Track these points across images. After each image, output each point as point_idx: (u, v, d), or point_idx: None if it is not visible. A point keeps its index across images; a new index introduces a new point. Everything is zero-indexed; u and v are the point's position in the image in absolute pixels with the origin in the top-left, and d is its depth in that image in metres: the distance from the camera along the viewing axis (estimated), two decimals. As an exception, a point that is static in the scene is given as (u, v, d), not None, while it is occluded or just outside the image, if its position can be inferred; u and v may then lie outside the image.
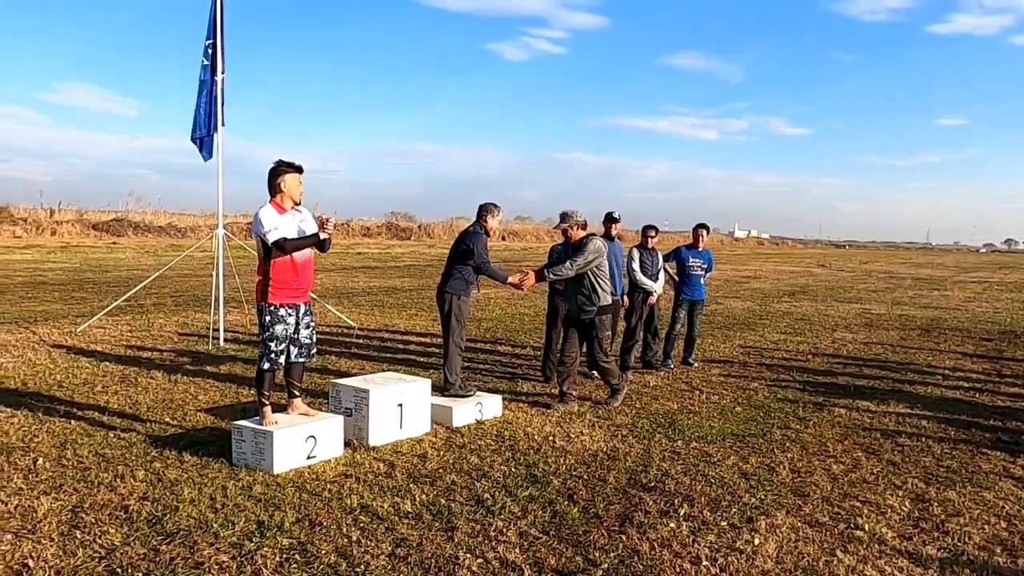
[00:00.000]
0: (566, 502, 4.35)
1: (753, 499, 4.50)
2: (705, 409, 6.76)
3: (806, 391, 7.65)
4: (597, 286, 6.62)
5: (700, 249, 9.00)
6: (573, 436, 5.71)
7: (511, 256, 36.60)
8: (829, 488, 4.75)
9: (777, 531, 4.03)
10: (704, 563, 3.63)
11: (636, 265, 8.41)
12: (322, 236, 5.04)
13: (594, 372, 7.97)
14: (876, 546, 3.89)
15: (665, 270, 8.74)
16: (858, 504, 4.49)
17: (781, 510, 4.34)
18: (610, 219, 8.16)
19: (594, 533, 3.93)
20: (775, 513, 4.28)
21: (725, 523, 4.11)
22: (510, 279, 6.52)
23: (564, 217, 6.72)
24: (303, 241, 4.98)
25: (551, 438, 5.64)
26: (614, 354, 8.48)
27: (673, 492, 4.58)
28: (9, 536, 3.65)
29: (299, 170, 5.05)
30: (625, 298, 8.31)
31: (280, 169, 4.99)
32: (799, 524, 4.14)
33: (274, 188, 4.99)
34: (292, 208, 5.04)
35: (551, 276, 6.60)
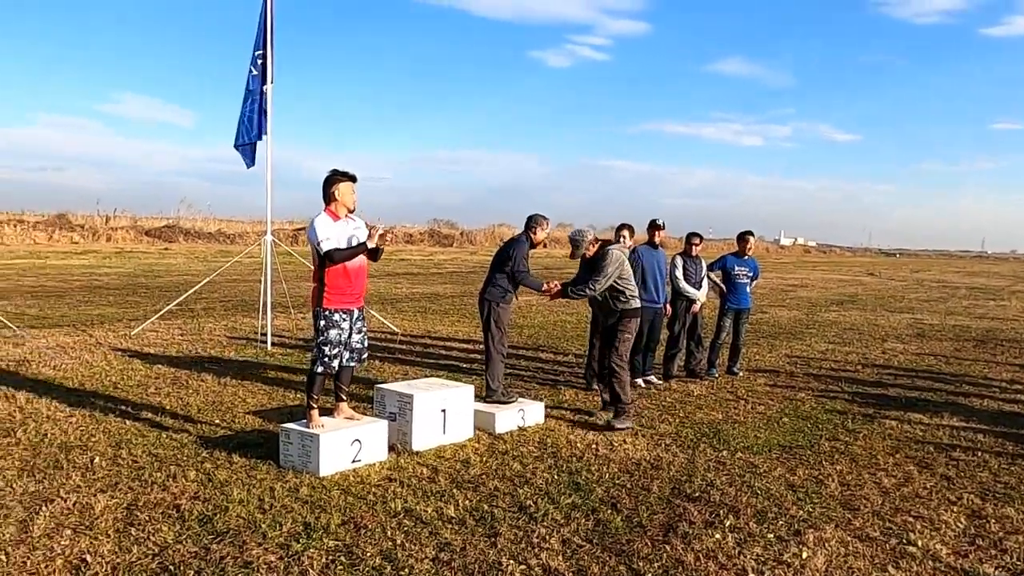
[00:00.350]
0: (609, 511, 4.33)
1: (801, 512, 4.42)
2: (751, 419, 6.66)
3: (855, 402, 7.48)
4: (619, 291, 6.31)
5: (746, 257, 8.89)
6: (616, 444, 5.68)
7: (553, 263, 36.59)
8: (880, 502, 4.63)
9: (826, 545, 3.94)
10: (750, 575, 3.57)
11: (679, 273, 8.34)
12: (370, 245, 5.11)
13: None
14: (930, 562, 3.79)
15: (709, 278, 8.65)
16: (911, 519, 4.37)
17: (830, 523, 4.25)
18: (654, 226, 8.11)
19: (638, 542, 3.91)
20: (824, 526, 4.20)
21: (772, 535, 4.04)
22: (544, 286, 6.45)
23: (576, 244, 6.37)
24: (354, 250, 5.06)
25: (594, 446, 5.62)
26: (657, 364, 8.41)
27: (718, 503, 4.52)
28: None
29: (353, 179, 5.15)
30: (668, 306, 8.25)
31: (335, 178, 5.09)
32: (849, 538, 4.05)
33: (328, 196, 5.10)
34: (346, 216, 5.13)
35: (572, 295, 6.39)
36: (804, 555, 3.80)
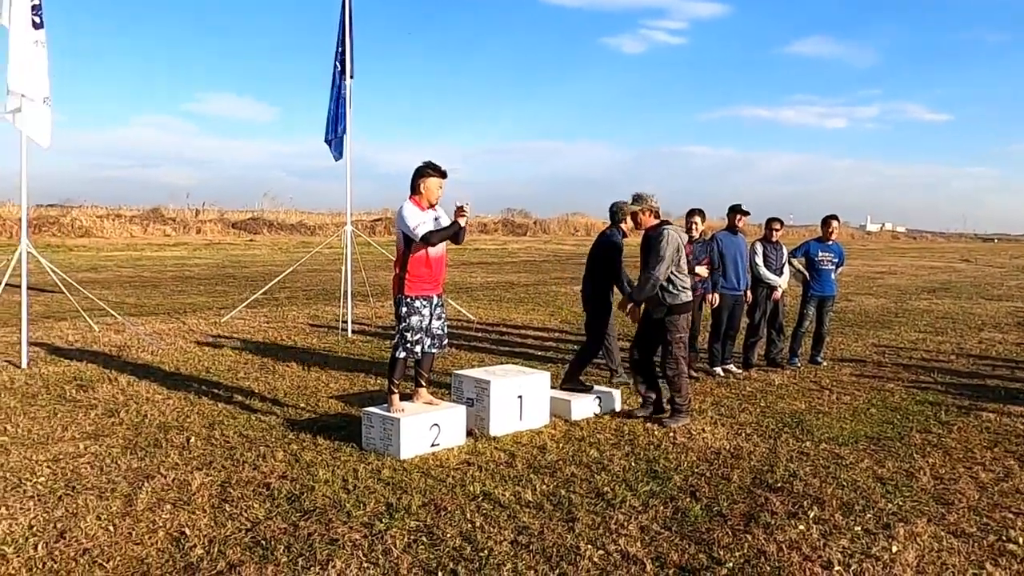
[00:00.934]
0: (688, 499, 4.28)
1: (890, 505, 4.26)
2: (836, 409, 6.45)
3: (949, 394, 7.14)
4: (669, 281, 5.76)
5: (830, 242, 8.59)
6: (695, 433, 5.60)
7: (627, 251, 36.23)
8: (976, 497, 4.42)
9: (917, 539, 3.79)
10: (836, 568, 3.47)
11: (759, 259, 8.13)
12: (461, 222, 5.19)
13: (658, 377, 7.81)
14: (1032, 561, 3.59)
15: (790, 264, 8.39)
16: (1010, 516, 4.15)
17: (922, 518, 4.08)
18: (737, 211, 7.94)
19: (718, 531, 3.85)
20: (915, 520, 4.03)
21: (859, 528, 3.92)
22: (627, 307, 6.07)
23: (637, 199, 5.88)
24: (445, 232, 5.17)
25: (671, 434, 5.56)
26: (737, 353, 8.22)
27: (802, 494, 4.40)
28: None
29: (443, 175, 5.25)
30: (749, 293, 8.06)
31: (425, 171, 5.21)
32: (942, 533, 3.88)
33: (415, 187, 5.21)
34: (428, 207, 5.24)
35: (637, 297, 5.90)
36: (894, 549, 3.67)
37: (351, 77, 10.05)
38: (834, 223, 8.60)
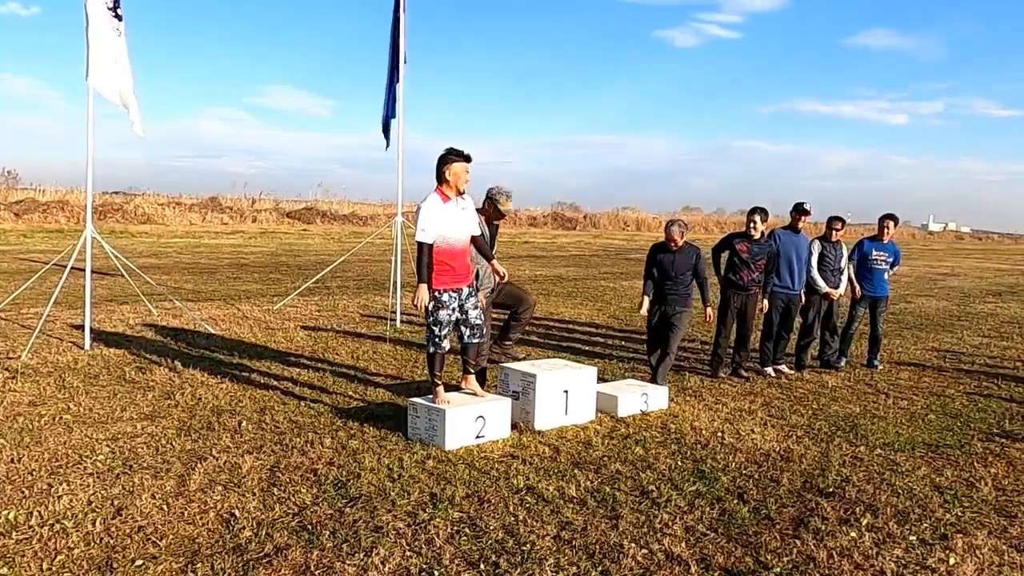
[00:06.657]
0: (735, 501, 4.21)
1: (948, 515, 4.11)
2: (892, 414, 6.25)
3: (1014, 402, 6.85)
4: None
5: (885, 241, 8.32)
6: (743, 434, 5.49)
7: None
8: (1042, 511, 4.23)
9: (977, 552, 3.65)
10: (889, 578, 3.37)
11: (814, 261, 7.88)
12: (485, 272, 5.14)
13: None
14: (1101, 580, 3.43)
15: (849, 272, 8.12)
16: (1078, 531, 3.96)
17: (982, 530, 3.93)
18: (799, 210, 7.75)
19: (765, 535, 3.77)
20: (974, 532, 3.89)
21: (914, 537, 3.79)
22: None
23: None
24: (423, 270, 5.06)
25: (719, 434, 5.46)
26: (789, 353, 8.03)
27: (854, 500, 4.28)
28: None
29: (467, 159, 5.18)
30: (803, 294, 7.86)
31: (449, 157, 5.15)
32: (1004, 547, 3.73)
33: (440, 176, 5.17)
34: (456, 196, 5.20)
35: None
36: (951, 561, 3.54)
37: (404, 63, 10.07)
38: (889, 223, 8.31)
